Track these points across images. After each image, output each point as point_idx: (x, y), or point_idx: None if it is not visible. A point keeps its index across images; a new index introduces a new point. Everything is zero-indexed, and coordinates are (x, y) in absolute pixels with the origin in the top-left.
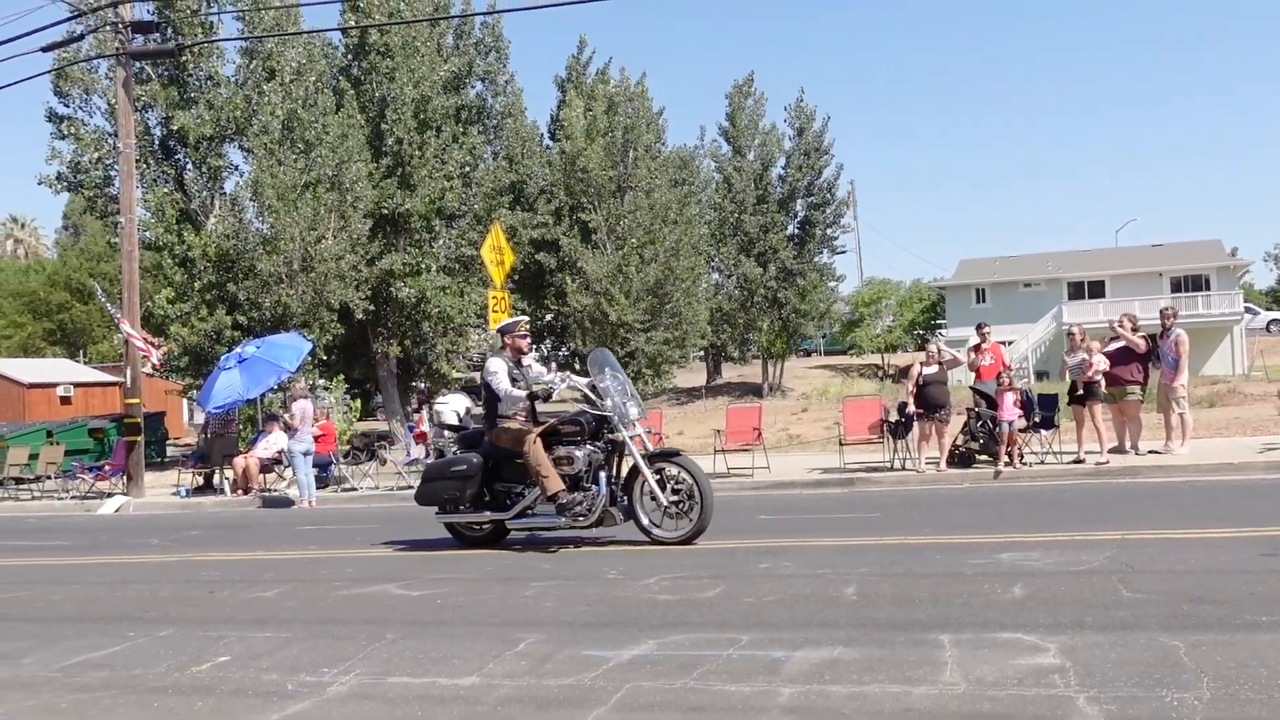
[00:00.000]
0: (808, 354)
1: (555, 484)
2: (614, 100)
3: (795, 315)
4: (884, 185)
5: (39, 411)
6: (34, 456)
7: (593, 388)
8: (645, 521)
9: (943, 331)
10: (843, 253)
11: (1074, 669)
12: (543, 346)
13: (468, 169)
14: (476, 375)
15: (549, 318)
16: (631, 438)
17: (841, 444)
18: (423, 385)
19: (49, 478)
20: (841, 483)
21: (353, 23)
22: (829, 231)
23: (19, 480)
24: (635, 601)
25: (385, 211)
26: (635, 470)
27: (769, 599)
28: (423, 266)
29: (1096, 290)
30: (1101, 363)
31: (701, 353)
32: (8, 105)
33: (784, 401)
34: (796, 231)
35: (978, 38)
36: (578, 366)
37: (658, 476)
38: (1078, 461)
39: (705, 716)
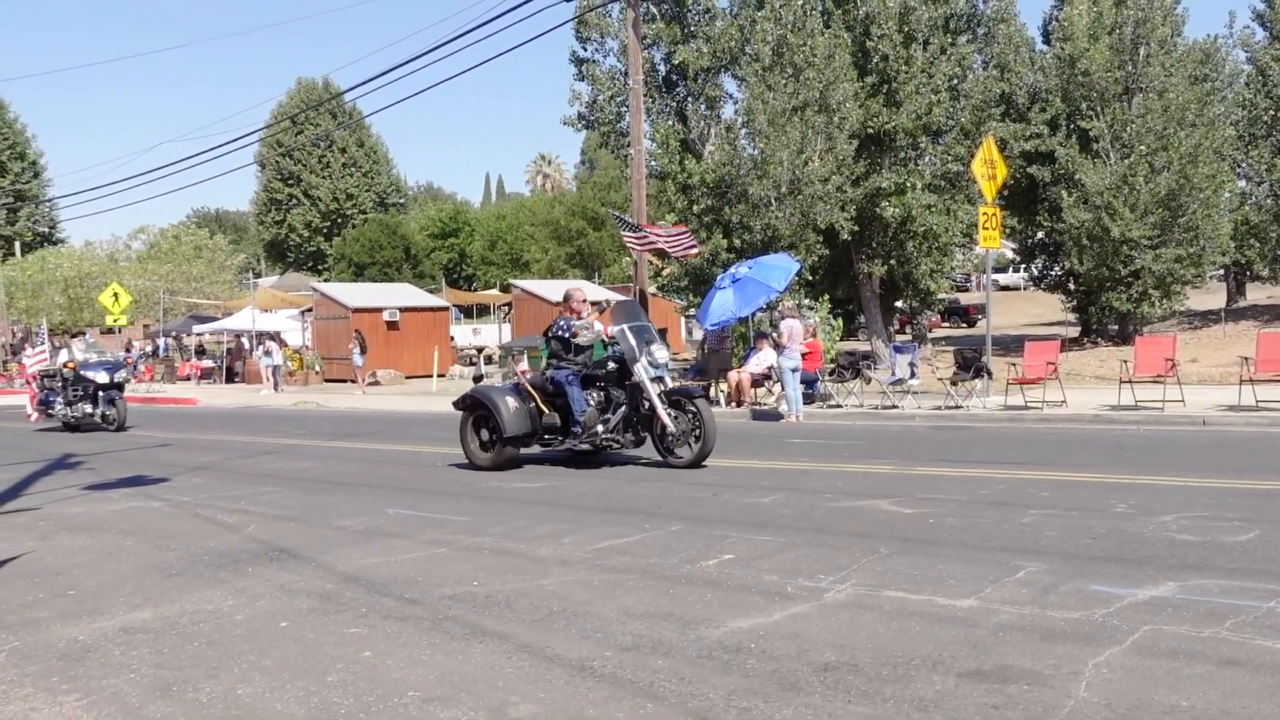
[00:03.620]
0: None
1: None
2: None
3: None
4: None
5: None
6: None
7: None
8: None
9: None
10: None
11: None
12: (1033, 267)
13: (956, 81)
14: (960, 295)
15: (1040, 235)
16: None
17: None
18: (905, 305)
19: None
20: None
21: None
22: None
23: None
24: (1148, 539)
25: (871, 130)
26: None
27: None
28: (908, 185)
29: None
30: None
31: (1220, 271)
32: (538, 60)
33: None
34: None
35: None
36: (1071, 287)
37: None
38: None
39: (1245, 673)
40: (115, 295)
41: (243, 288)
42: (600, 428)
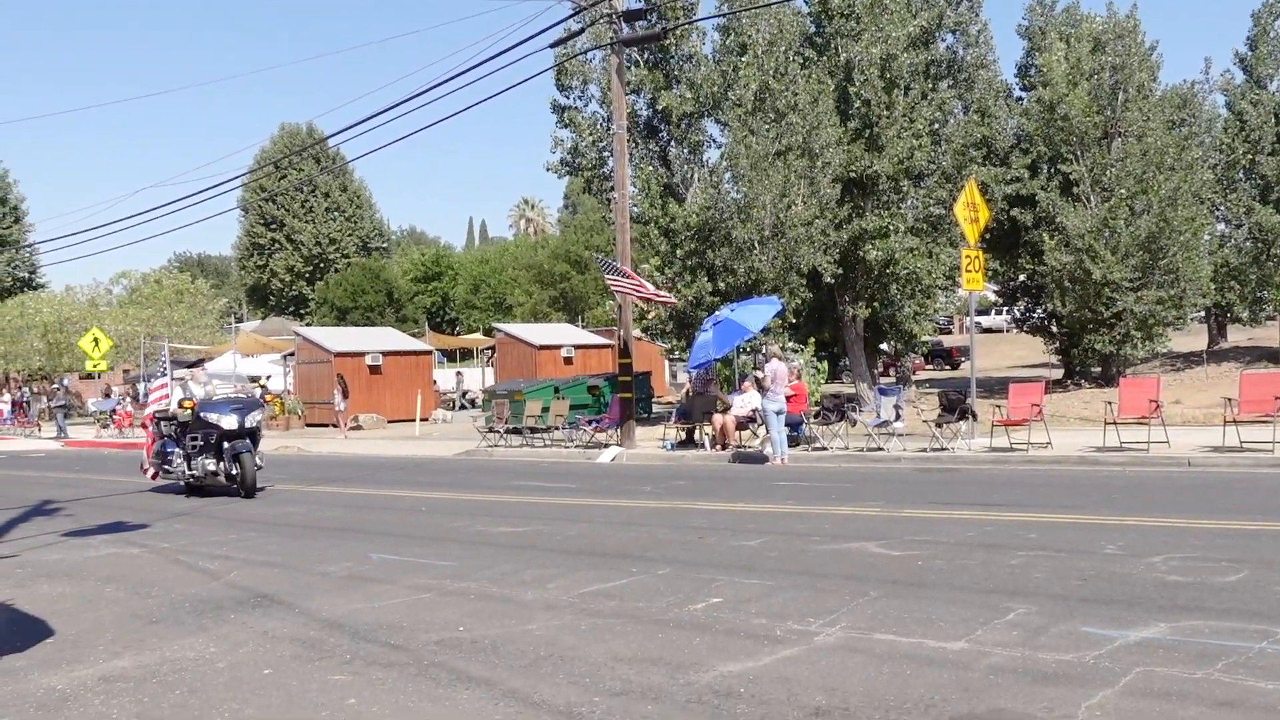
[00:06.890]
0: None
1: None
2: (1100, 39)
3: None
4: None
5: (546, 370)
6: (545, 409)
7: None
8: None
9: None
10: None
11: None
12: (1016, 309)
13: (937, 125)
14: (943, 338)
15: (1022, 278)
16: None
17: None
18: (889, 348)
19: (557, 428)
20: None
21: None
22: None
23: (534, 429)
24: (1138, 580)
25: (853, 174)
26: None
27: None
28: (891, 228)
29: None
30: None
31: (1202, 313)
32: (521, 105)
33: None
34: None
35: None
36: (1054, 329)
37: None
38: None
39: (1239, 714)
40: (95, 340)
41: (224, 332)
42: None
